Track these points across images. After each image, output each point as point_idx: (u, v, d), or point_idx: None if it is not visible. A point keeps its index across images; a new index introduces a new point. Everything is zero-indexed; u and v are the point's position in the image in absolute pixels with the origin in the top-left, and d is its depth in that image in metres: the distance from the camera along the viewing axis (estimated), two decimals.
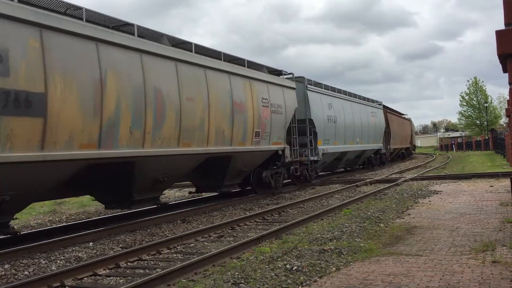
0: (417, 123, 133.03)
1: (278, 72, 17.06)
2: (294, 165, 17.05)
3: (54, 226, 11.31)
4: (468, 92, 70.47)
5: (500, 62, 2.88)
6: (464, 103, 71.06)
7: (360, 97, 27.12)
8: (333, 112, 21.50)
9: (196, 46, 12.16)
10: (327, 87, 22.06)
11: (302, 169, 18.18)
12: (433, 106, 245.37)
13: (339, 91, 23.96)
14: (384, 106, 33.02)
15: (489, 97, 70.00)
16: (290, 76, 17.76)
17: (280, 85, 16.08)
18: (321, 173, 24.66)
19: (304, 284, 5.64)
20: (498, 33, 2.76)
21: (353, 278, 5.77)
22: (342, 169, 27.95)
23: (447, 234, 8.18)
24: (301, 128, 18.39)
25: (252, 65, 15.20)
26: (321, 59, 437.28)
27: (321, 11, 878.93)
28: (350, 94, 25.43)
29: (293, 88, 17.19)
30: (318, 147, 19.15)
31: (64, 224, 11.56)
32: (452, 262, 6.30)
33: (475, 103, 70.26)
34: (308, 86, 19.51)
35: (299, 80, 19.02)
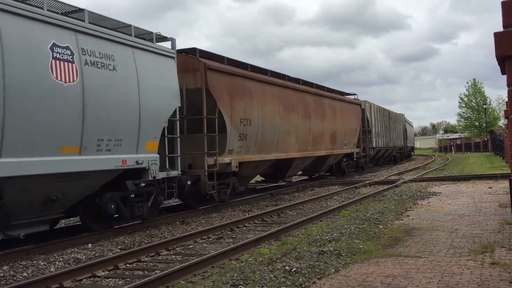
0: (416, 125, 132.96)
1: None
2: None
3: (53, 228, 11.28)
4: (467, 93, 70.67)
5: (499, 64, 2.88)
6: (463, 105, 71.25)
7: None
8: None
9: None
10: None
11: None
12: (431, 107, 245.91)
13: None
14: (200, 54, 13.04)
15: (488, 98, 70.28)
16: None
17: None
18: None
19: (303, 285, 5.64)
20: (497, 35, 2.74)
21: (352, 280, 5.77)
22: None
23: (446, 235, 8.18)
24: None
25: None
26: (317, 61, 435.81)
27: (315, 14, 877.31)
28: None
29: None
30: None
31: (63, 225, 11.54)
32: (451, 263, 6.30)
33: (474, 104, 70.39)
34: None
35: None
